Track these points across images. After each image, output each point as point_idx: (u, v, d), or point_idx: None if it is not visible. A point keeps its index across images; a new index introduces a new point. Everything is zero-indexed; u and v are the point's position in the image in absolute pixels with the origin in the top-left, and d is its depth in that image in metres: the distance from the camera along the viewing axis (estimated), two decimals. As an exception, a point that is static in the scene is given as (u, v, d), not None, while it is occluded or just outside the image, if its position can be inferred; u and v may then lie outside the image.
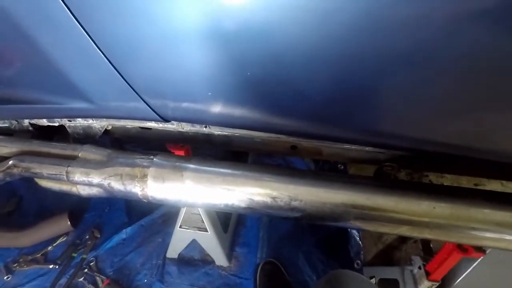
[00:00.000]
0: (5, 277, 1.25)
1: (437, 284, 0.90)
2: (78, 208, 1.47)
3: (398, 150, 0.75)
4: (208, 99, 0.66)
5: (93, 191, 0.80)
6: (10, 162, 0.81)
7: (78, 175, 0.77)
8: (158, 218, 1.43)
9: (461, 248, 0.79)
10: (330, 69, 0.53)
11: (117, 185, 0.75)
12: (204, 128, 0.80)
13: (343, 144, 0.76)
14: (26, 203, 1.54)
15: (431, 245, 1.10)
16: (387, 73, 0.52)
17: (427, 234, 0.66)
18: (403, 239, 1.20)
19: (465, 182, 0.86)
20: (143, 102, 0.70)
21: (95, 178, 0.76)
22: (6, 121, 0.88)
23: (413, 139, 0.64)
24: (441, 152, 0.65)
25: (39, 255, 1.33)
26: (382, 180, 0.77)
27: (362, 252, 1.20)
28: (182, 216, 1.16)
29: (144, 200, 0.77)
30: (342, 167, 1.38)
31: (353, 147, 0.76)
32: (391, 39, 0.45)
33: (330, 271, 0.61)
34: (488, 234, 0.63)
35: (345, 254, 1.23)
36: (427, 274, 0.89)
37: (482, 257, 0.92)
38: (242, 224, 1.37)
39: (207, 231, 1.15)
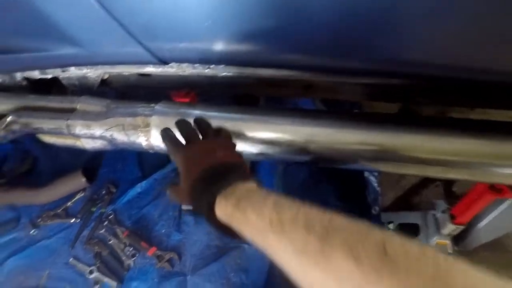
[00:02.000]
0: (31, 231, 1.31)
1: (462, 227, 0.87)
2: (92, 165, 1.48)
3: (424, 80, 0.66)
4: (208, 32, 0.58)
5: (97, 144, 0.77)
6: (9, 119, 0.78)
7: (79, 128, 0.73)
8: (171, 172, 1.43)
9: (494, 188, 0.74)
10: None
11: (120, 136, 0.72)
12: (207, 70, 0.72)
13: (363, 79, 0.68)
14: (41, 163, 1.56)
15: (454, 189, 1.06)
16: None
17: (454, 174, 0.60)
18: (423, 184, 1.16)
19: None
20: (137, 43, 0.63)
21: (97, 130, 0.72)
22: (-3, 75, 0.83)
23: (439, 65, 0.55)
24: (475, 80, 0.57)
25: (60, 210, 1.37)
26: (406, 117, 0.70)
27: (379, 198, 1.18)
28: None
29: (150, 151, 0.73)
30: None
31: (373, 81, 0.68)
32: None
33: None
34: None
35: (363, 201, 1.20)
36: (452, 217, 0.85)
37: (507, 203, 0.87)
38: (255, 173, 1.35)
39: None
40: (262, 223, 0.37)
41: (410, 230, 1.00)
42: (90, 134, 0.73)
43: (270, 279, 1.08)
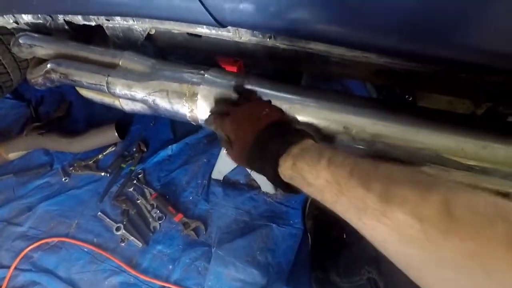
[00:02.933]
0: (63, 179, 1.33)
1: None
2: (124, 120, 1.45)
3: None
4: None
5: (137, 107, 0.70)
6: (48, 66, 0.72)
7: (119, 88, 0.66)
8: (203, 138, 1.37)
9: None
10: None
11: (162, 103, 0.64)
12: (268, 39, 0.62)
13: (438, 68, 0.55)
14: (75, 109, 1.56)
15: None
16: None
17: None
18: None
19: None
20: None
21: (138, 92, 0.65)
22: (40, 16, 0.76)
23: None
24: None
25: (91, 162, 1.37)
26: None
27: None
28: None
29: (193, 123, 0.66)
30: (410, 98, 1.16)
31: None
32: None
33: None
34: None
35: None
36: None
37: None
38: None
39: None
40: (319, 182, 0.38)
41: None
42: (131, 95, 0.66)
43: (297, 263, 1.04)
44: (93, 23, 0.73)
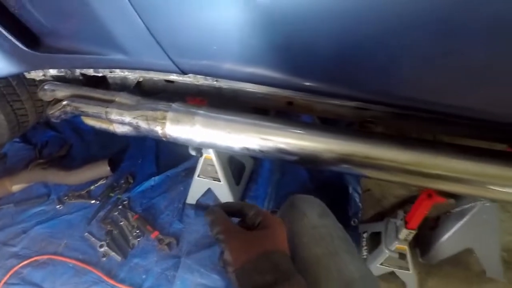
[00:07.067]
0: (57, 206, 1.53)
1: (414, 232, 0.99)
2: (116, 157, 1.71)
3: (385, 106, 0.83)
4: (217, 53, 0.79)
5: (125, 129, 0.98)
6: (64, 102, 1.02)
7: (114, 114, 0.95)
8: (182, 171, 1.62)
9: (429, 195, 0.87)
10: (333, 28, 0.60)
11: (143, 124, 0.93)
12: (215, 82, 0.94)
13: (333, 100, 0.86)
14: (75, 150, 1.82)
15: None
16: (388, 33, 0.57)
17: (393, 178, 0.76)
18: (401, 204, 1.28)
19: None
20: (166, 55, 0.85)
21: (127, 117, 0.94)
22: (62, 70, 1.09)
23: (407, 97, 0.72)
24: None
25: (84, 192, 1.59)
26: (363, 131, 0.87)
27: (360, 212, 1.31)
28: (200, 167, 1.34)
29: (163, 138, 0.94)
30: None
31: (341, 103, 0.86)
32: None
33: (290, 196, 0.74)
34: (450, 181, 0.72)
35: (344, 213, 1.34)
36: (406, 223, 0.98)
37: (466, 218, 0.99)
38: (254, 181, 1.52)
39: (220, 181, 1.32)
40: None
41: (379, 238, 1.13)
42: (121, 120, 0.95)
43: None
44: (100, 74, 1.05)
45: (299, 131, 0.80)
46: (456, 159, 0.71)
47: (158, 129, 0.91)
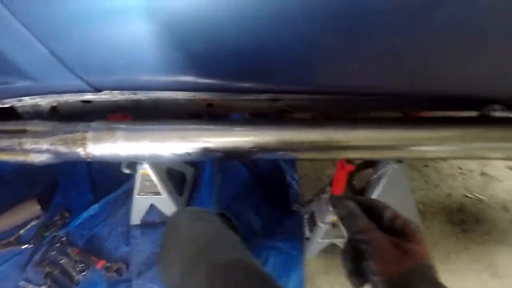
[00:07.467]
0: (-19, 261, 1.37)
1: None
2: (46, 194, 1.59)
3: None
4: (129, 67, 0.81)
5: (43, 158, 0.94)
6: (-32, 141, 0.94)
7: (29, 144, 0.91)
8: (121, 194, 1.56)
9: (342, 166, 1.00)
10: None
11: (63, 149, 0.90)
12: (133, 95, 0.95)
13: (247, 96, 0.93)
14: (-5, 196, 1.65)
15: (354, 182, 1.33)
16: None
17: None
18: (333, 183, 1.42)
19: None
20: (75, 76, 0.85)
21: (44, 145, 0.91)
22: (-40, 108, 1.00)
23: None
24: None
25: (12, 238, 1.44)
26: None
27: (299, 197, 1.41)
28: (138, 185, 1.32)
29: (87, 159, 0.92)
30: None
31: (256, 97, 0.94)
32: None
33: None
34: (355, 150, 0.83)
35: (285, 201, 1.43)
36: (331, 195, 1.10)
37: (382, 182, 1.14)
38: (197, 189, 1.54)
39: (161, 194, 1.31)
40: None
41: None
42: (38, 148, 0.91)
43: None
44: (7, 105, 0.99)
45: (218, 128, 0.86)
46: (356, 130, 0.82)
47: (80, 151, 0.89)
